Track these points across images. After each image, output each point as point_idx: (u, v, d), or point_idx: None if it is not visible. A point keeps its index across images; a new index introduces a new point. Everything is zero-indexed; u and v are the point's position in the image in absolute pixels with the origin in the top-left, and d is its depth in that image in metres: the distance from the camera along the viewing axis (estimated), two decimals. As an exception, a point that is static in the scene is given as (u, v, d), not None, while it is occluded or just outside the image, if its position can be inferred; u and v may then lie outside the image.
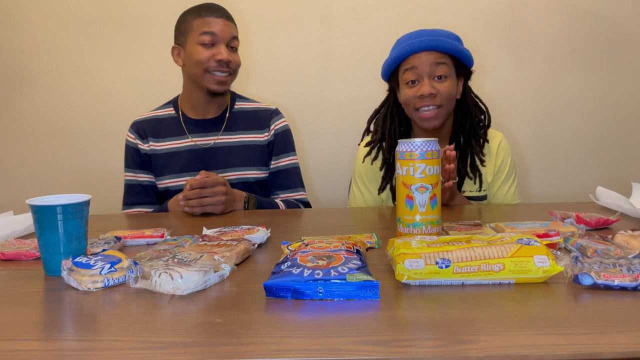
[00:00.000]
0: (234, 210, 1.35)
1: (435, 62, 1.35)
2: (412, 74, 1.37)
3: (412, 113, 1.41)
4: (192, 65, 1.45)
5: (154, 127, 1.55)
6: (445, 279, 0.67)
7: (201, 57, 1.43)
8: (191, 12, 1.46)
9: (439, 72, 1.35)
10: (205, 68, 1.44)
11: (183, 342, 0.54)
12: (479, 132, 1.46)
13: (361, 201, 1.55)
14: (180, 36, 1.47)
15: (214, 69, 1.44)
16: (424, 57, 1.35)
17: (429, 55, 1.35)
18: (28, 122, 2.17)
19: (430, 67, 1.35)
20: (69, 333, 0.58)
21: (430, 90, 1.34)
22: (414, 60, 1.36)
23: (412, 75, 1.37)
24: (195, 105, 1.54)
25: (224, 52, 1.43)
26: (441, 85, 1.36)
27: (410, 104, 1.39)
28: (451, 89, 1.38)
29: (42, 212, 0.79)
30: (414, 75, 1.36)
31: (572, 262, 0.69)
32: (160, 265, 0.72)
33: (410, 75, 1.37)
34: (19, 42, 2.13)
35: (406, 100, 1.40)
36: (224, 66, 1.44)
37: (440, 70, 1.35)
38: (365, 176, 1.53)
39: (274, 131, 1.58)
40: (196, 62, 1.44)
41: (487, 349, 0.50)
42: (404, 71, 1.39)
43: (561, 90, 2.11)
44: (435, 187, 0.88)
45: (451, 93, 1.38)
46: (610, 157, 2.14)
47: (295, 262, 0.70)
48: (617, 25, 2.06)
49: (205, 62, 1.43)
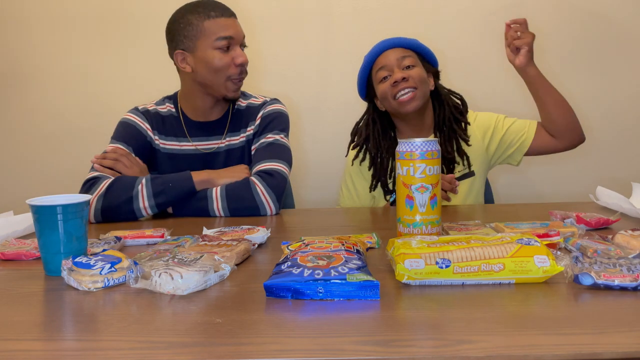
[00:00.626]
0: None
1: (401, 56, 1.46)
2: (384, 72, 1.47)
3: (392, 104, 1.47)
4: (209, 72, 1.36)
5: (158, 122, 1.48)
6: (445, 279, 0.67)
7: (222, 63, 1.35)
8: (194, 13, 1.35)
9: (406, 63, 1.46)
10: (228, 76, 1.37)
11: (183, 342, 0.54)
12: (459, 117, 1.53)
13: (350, 201, 1.60)
14: (186, 40, 1.36)
15: (235, 75, 1.38)
16: (390, 54, 1.47)
17: (394, 51, 1.47)
18: (28, 122, 2.17)
19: (397, 61, 1.45)
20: (69, 333, 0.58)
21: (401, 74, 1.43)
22: (382, 60, 1.47)
23: (383, 73, 1.47)
24: (198, 109, 1.46)
25: (243, 55, 1.38)
26: (411, 71, 1.45)
27: (388, 96, 1.46)
28: (422, 73, 1.47)
29: (42, 212, 0.79)
30: (385, 72, 1.46)
31: (572, 262, 0.69)
32: (161, 265, 0.72)
33: (382, 73, 1.47)
34: (18, 43, 2.13)
35: (383, 93, 1.47)
36: (243, 69, 1.40)
37: (407, 61, 1.46)
38: (354, 175, 1.59)
39: (260, 120, 1.47)
40: (216, 69, 1.35)
41: (487, 349, 0.50)
42: (375, 72, 1.49)
43: (561, 90, 2.11)
44: (435, 187, 0.88)
45: (422, 76, 1.46)
46: (610, 157, 2.13)
47: (296, 262, 0.70)
48: (617, 25, 2.06)
49: (226, 69, 1.36)
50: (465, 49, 2.04)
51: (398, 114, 1.50)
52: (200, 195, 1.30)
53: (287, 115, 1.52)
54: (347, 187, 1.61)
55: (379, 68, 1.47)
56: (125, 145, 1.42)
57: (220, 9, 1.37)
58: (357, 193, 1.58)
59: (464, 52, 2.04)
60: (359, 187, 1.58)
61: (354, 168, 1.58)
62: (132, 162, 1.38)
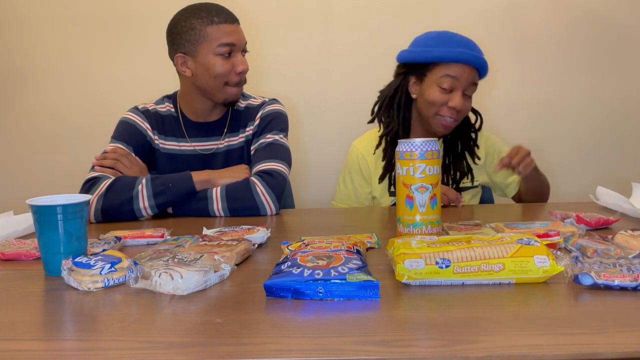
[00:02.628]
0: None
1: (472, 82, 1.42)
2: (450, 82, 1.40)
3: (430, 114, 1.45)
4: (209, 78, 1.36)
5: (158, 122, 1.48)
6: (445, 279, 0.67)
7: (222, 70, 1.35)
8: (197, 17, 1.34)
9: (470, 92, 1.43)
10: (226, 81, 1.38)
11: (183, 342, 0.54)
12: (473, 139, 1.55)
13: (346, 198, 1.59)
14: (187, 44, 1.35)
15: (234, 81, 1.38)
16: (468, 72, 1.40)
17: (472, 72, 1.41)
18: (28, 122, 2.17)
19: (467, 84, 1.41)
20: (69, 333, 0.58)
21: (461, 106, 1.40)
22: (459, 72, 1.39)
23: (449, 82, 1.40)
24: (197, 110, 1.46)
25: (244, 62, 1.38)
26: (467, 103, 1.44)
27: (434, 107, 1.43)
28: (469, 108, 1.48)
29: (42, 212, 0.79)
30: (451, 84, 1.40)
31: (572, 262, 0.69)
32: (161, 265, 0.72)
33: (449, 82, 1.40)
34: (18, 43, 2.13)
35: (433, 102, 1.42)
36: (242, 76, 1.40)
37: (471, 90, 1.43)
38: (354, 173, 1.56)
39: (259, 120, 1.47)
40: (216, 75, 1.35)
41: (487, 349, 0.50)
42: (443, 75, 1.40)
43: (561, 91, 2.11)
44: (435, 187, 0.88)
45: (469, 110, 1.48)
46: (610, 157, 2.13)
47: (296, 262, 0.70)
48: (617, 25, 2.06)
49: (226, 76, 1.36)
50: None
51: (425, 120, 1.48)
52: (200, 196, 1.30)
53: (286, 116, 1.51)
54: (345, 184, 1.59)
55: (449, 74, 1.39)
56: (125, 144, 1.41)
57: (224, 15, 1.36)
58: (355, 192, 1.57)
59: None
60: (357, 186, 1.57)
61: (354, 166, 1.56)
62: (132, 162, 1.38)
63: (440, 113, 1.43)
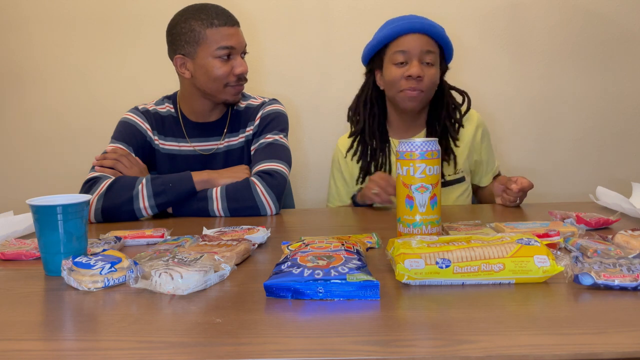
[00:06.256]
0: None
1: (426, 49, 1.39)
2: (402, 56, 1.40)
3: (394, 94, 1.44)
4: (208, 80, 1.36)
5: (158, 123, 1.48)
6: (445, 279, 0.67)
7: (221, 72, 1.35)
8: (196, 19, 1.33)
9: (427, 59, 1.40)
10: (226, 83, 1.38)
11: (183, 342, 0.54)
12: (455, 116, 1.51)
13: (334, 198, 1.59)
14: (187, 46, 1.35)
15: (233, 83, 1.38)
16: (416, 40, 1.39)
17: (421, 39, 1.39)
18: (28, 122, 2.17)
19: (420, 52, 1.39)
20: (69, 333, 0.58)
21: (418, 72, 1.38)
22: (405, 43, 1.39)
23: (402, 57, 1.40)
24: (197, 111, 1.46)
25: (243, 64, 1.38)
26: (428, 71, 1.40)
27: (395, 84, 1.42)
28: (435, 77, 1.43)
29: (42, 212, 0.79)
30: (404, 57, 1.40)
31: (572, 262, 0.69)
32: (161, 265, 0.72)
33: (400, 56, 1.40)
34: (18, 43, 2.13)
35: (393, 79, 1.42)
36: (242, 78, 1.40)
37: (428, 57, 1.40)
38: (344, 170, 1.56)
39: (259, 120, 1.47)
40: (215, 77, 1.35)
41: (487, 349, 0.50)
42: (393, 52, 1.41)
43: (561, 90, 2.11)
44: (435, 187, 0.88)
45: (434, 81, 1.43)
46: (610, 157, 2.13)
47: (296, 262, 0.70)
48: (617, 24, 2.06)
49: (225, 78, 1.36)
50: (465, 48, 2.04)
51: (394, 102, 1.49)
52: (200, 196, 1.30)
53: (286, 116, 1.51)
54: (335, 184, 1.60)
55: (399, 50, 1.40)
56: (125, 145, 1.42)
57: (224, 17, 1.35)
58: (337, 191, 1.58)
59: (464, 51, 2.04)
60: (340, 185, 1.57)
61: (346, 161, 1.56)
62: (132, 162, 1.38)
63: (403, 88, 1.41)
